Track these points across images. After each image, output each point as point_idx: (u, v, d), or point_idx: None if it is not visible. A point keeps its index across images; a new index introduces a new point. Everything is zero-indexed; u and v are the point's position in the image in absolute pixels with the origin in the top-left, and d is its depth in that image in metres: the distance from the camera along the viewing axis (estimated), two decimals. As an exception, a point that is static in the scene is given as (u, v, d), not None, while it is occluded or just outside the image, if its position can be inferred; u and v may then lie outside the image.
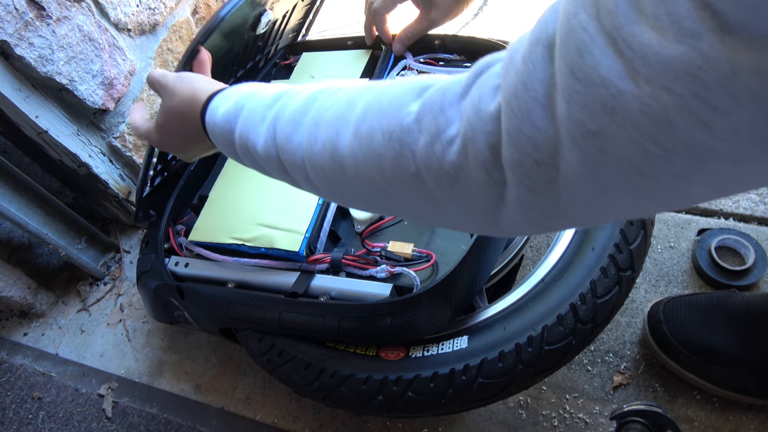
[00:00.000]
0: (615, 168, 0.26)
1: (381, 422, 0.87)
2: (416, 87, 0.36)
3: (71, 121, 1.02)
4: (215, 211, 0.83)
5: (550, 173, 0.29)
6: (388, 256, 0.73)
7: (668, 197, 0.27)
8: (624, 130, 0.24)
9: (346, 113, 0.38)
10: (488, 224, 0.35)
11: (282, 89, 0.46)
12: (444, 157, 0.33)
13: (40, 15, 0.89)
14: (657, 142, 0.24)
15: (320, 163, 0.39)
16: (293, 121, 0.41)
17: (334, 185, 0.40)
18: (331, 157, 0.38)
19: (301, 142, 0.40)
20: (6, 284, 1.10)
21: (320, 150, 0.39)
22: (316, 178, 0.41)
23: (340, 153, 0.38)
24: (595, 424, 0.80)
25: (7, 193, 1.01)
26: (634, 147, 0.24)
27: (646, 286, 0.91)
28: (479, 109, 0.31)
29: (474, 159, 0.31)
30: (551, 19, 0.27)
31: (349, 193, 0.40)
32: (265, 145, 0.44)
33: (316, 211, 0.77)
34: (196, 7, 1.24)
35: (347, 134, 0.37)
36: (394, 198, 0.37)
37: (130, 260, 1.23)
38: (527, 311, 0.69)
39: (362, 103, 0.37)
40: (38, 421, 1.01)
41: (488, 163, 0.31)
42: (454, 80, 0.34)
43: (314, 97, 0.41)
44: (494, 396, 0.66)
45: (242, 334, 0.77)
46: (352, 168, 0.37)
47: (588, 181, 0.28)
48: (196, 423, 0.94)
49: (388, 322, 0.67)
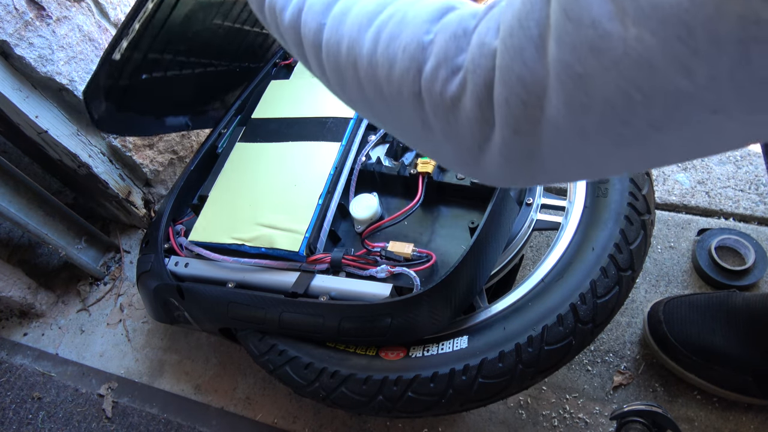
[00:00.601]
0: (598, 112, 0.26)
1: (381, 422, 0.87)
2: (442, 6, 0.35)
3: (71, 121, 1.02)
4: (215, 211, 0.83)
5: (534, 115, 0.29)
6: (388, 256, 0.73)
7: (646, 150, 0.27)
8: (608, 73, 0.24)
9: (373, 12, 0.37)
10: (469, 164, 0.35)
11: None
12: (446, 86, 0.32)
13: (40, 15, 0.89)
14: (638, 87, 0.24)
15: (335, 53, 0.39)
16: (323, 2, 0.41)
17: (343, 78, 0.40)
18: (348, 51, 0.38)
19: (324, 25, 0.40)
20: (6, 284, 1.10)
21: (339, 40, 0.39)
22: (328, 66, 0.41)
23: (356, 49, 0.37)
24: (595, 424, 0.80)
25: (7, 193, 1.01)
26: (617, 91, 0.25)
27: (646, 286, 0.91)
28: (483, 43, 0.31)
29: (471, 93, 0.31)
30: None
31: (354, 90, 0.39)
32: (291, 15, 0.43)
33: (316, 211, 0.77)
34: (196, 7, 1.24)
35: (369, 34, 0.37)
36: (393, 111, 0.37)
37: (130, 260, 1.23)
38: (527, 311, 0.69)
39: (392, 7, 0.37)
40: (38, 421, 1.01)
41: (482, 100, 0.31)
42: (474, 10, 0.34)
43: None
44: (494, 396, 0.66)
45: (242, 334, 0.77)
46: (365, 67, 0.37)
47: (571, 125, 0.28)
48: (196, 423, 0.94)
49: (388, 322, 0.67)
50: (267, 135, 0.90)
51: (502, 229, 0.73)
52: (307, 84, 0.96)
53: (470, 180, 0.77)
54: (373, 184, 0.85)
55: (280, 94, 0.97)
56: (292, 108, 0.93)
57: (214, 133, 1.01)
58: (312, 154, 0.84)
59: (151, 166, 1.18)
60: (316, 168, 0.81)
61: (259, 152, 0.88)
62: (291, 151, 0.86)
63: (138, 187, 1.19)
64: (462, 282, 0.68)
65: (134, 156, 1.13)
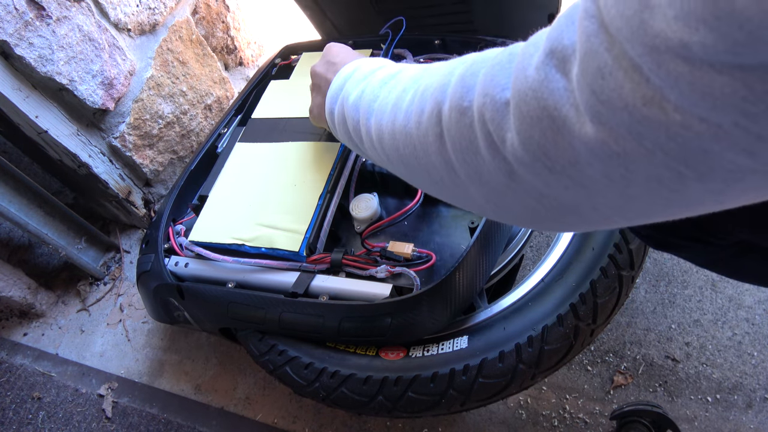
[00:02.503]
0: (642, 184, 0.25)
1: (381, 422, 0.87)
2: (453, 67, 0.38)
3: (71, 121, 1.02)
4: (215, 211, 0.83)
5: (563, 180, 0.28)
6: (388, 256, 0.73)
7: (699, 207, 0.26)
8: (653, 155, 0.23)
9: (399, 99, 0.43)
10: (498, 205, 0.35)
11: (376, 68, 0.52)
12: (460, 123, 0.33)
13: (40, 15, 0.89)
14: (691, 166, 0.22)
15: (380, 138, 0.45)
16: (369, 103, 0.48)
17: (390, 155, 0.45)
18: (391, 125, 0.43)
19: (371, 111, 0.47)
20: (6, 284, 1.10)
21: (379, 122, 0.45)
22: (376, 139, 0.46)
23: (395, 126, 0.42)
24: (595, 424, 0.80)
25: (7, 193, 1.01)
26: (664, 169, 0.23)
27: (646, 286, 0.91)
28: (494, 98, 0.31)
29: (483, 140, 0.32)
30: (568, 31, 0.26)
31: (392, 153, 0.44)
32: (353, 104, 0.51)
33: (316, 211, 0.77)
34: (196, 7, 1.24)
35: (400, 114, 0.42)
36: (422, 161, 0.39)
37: (130, 260, 1.23)
38: (527, 311, 0.69)
39: (411, 92, 0.41)
40: (38, 421, 1.01)
41: (492, 148, 0.31)
42: (484, 58, 0.35)
43: (385, 82, 0.48)
44: (494, 396, 0.66)
45: (242, 334, 0.77)
46: (400, 125, 0.41)
47: (612, 190, 0.26)
48: (196, 423, 0.94)
49: (388, 322, 0.67)
50: (267, 135, 0.90)
51: (502, 229, 0.73)
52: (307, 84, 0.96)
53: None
54: (373, 184, 0.85)
55: (280, 94, 0.97)
56: (292, 108, 0.92)
57: (214, 133, 1.01)
58: (312, 154, 0.84)
59: (151, 166, 1.18)
60: (316, 168, 0.81)
61: (259, 152, 0.88)
62: (291, 151, 0.86)
63: (138, 187, 1.19)
64: (462, 282, 0.68)
65: (134, 156, 1.13)
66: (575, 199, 0.29)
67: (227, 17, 1.33)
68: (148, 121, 1.13)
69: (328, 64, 0.67)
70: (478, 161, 0.33)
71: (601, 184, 0.26)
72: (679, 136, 0.22)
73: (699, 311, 0.87)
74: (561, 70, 0.26)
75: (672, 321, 0.87)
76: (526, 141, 0.28)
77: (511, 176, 0.31)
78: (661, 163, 0.23)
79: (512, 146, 0.29)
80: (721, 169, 0.22)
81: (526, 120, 0.28)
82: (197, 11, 1.24)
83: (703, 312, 0.87)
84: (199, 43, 1.24)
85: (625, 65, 0.22)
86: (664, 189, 0.24)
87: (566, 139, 0.26)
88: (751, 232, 0.43)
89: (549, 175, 0.28)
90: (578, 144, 0.25)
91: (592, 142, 0.25)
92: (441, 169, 0.37)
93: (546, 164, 0.28)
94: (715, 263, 0.53)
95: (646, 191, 0.25)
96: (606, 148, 0.24)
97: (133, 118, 1.10)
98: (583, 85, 0.24)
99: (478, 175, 0.34)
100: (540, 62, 0.27)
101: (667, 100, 0.21)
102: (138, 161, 1.14)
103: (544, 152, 0.27)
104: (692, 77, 0.20)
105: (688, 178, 0.23)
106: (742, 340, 0.83)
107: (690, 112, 0.21)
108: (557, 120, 0.26)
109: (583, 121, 0.25)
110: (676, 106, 0.21)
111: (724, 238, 0.46)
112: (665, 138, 0.22)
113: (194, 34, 1.22)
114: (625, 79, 0.22)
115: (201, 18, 1.26)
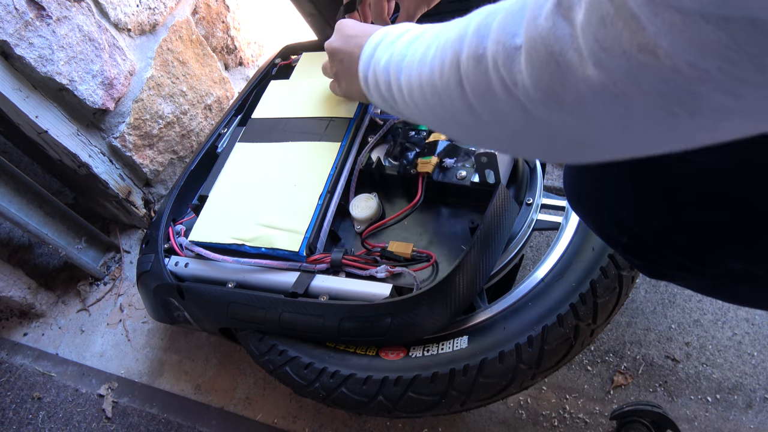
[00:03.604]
0: (641, 121, 0.28)
1: (381, 422, 0.87)
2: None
3: (71, 121, 1.02)
4: (215, 211, 0.83)
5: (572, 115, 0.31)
6: (388, 256, 0.73)
7: (694, 141, 0.29)
8: (649, 96, 0.26)
9: (424, 54, 0.46)
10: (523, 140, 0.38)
11: (402, 32, 0.56)
12: (477, 70, 0.36)
13: (40, 15, 0.89)
14: (682, 106, 0.25)
15: (410, 92, 0.48)
16: (398, 62, 0.52)
17: (420, 107, 0.48)
18: (418, 79, 0.46)
19: (400, 70, 0.51)
20: (6, 284, 1.10)
21: (408, 77, 0.49)
22: (407, 95, 0.50)
23: (421, 79, 0.46)
24: (595, 424, 0.80)
25: (7, 193, 1.01)
26: (659, 109, 0.26)
27: (646, 286, 0.91)
28: (506, 44, 0.34)
29: (498, 83, 0.35)
30: None
31: (423, 105, 0.47)
32: (384, 68, 0.55)
33: (316, 211, 0.77)
34: (196, 7, 1.24)
35: (425, 67, 0.45)
36: (447, 107, 0.42)
37: (130, 260, 1.23)
38: (527, 311, 0.69)
39: (434, 47, 0.45)
40: (38, 421, 1.01)
41: (507, 91, 0.34)
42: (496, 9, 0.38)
43: (410, 42, 0.51)
44: (494, 396, 0.66)
45: (242, 334, 0.77)
46: (428, 82, 0.44)
47: (614, 126, 0.30)
48: (196, 423, 0.94)
49: (388, 322, 0.67)
50: (267, 135, 0.90)
51: (502, 229, 0.73)
52: (307, 84, 0.96)
53: (470, 180, 0.77)
54: (373, 184, 0.85)
55: (280, 94, 0.97)
56: (292, 108, 0.92)
57: (214, 133, 1.01)
58: (312, 154, 0.84)
59: (151, 166, 1.18)
60: (316, 168, 0.81)
61: (259, 152, 0.88)
62: (291, 151, 0.86)
63: (138, 187, 1.19)
64: (462, 282, 0.68)
65: (134, 156, 1.13)
66: (585, 134, 0.32)
67: (227, 17, 1.33)
68: (148, 121, 1.13)
69: (347, 37, 0.69)
70: (496, 103, 0.36)
71: (606, 121, 0.29)
72: (671, 80, 0.24)
73: (699, 311, 0.87)
74: (566, 18, 0.28)
75: (672, 321, 0.87)
76: (537, 83, 0.31)
77: (527, 114, 0.34)
78: (656, 104, 0.26)
79: (524, 87, 0.32)
80: (710, 109, 0.25)
81: (536, 64, 0.31)
82: (197, 11, 1.24)
83: (703, 312, 0.87)
84: (199, 43, 1.24)
85: (625, 15, 0.24)
86: (660, 126, 0.27)
87: (571, 81, 0.29)
88: (745, 261, 0.45)
89: (560, 113, 0.31)
90: (582, 86, 0.28)
91: (594, 85, 0.28)
92: (466, 114, 0.40)
93: (556, 103, 0.31)
94: (710, 290, 0.56)
95: (646, 128, 0.28)
96: (607, 90, 0.27)
97: (133, 118, 1.10)
98: (587, 33, 0.27)
99: (498, 116, 0.37)
100: (549, 11, 0.30)
101: (660, 47, 0.24)
102: (138, 161, 1.15)
103: (553, 92, 0.30)
104: (683, 26, 0.22)
105: (681, 117, 0.26)
106: (742, 340, 0.83)
107: (680, 57, 0.23)
108: (562, 64, 0.29)
109: (585, 66, 0.28)
110: (668, 52, 0.24)
111: (717, 267, 0.48)
112: (659, 81, 0.25)
113: (194, 34, 1.22)
114: (624, 28, 0.25)
115: (201, 18, 1.26)
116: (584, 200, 0.53)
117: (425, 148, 0.83)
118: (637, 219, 0.48)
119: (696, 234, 0.46)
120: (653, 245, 0.49)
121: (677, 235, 0.47)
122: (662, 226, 0.46)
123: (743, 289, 0.51)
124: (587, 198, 0.52)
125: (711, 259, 0.47)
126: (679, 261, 0.48)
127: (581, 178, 0.51)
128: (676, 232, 0.46)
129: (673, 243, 0.47)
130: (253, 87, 1.05)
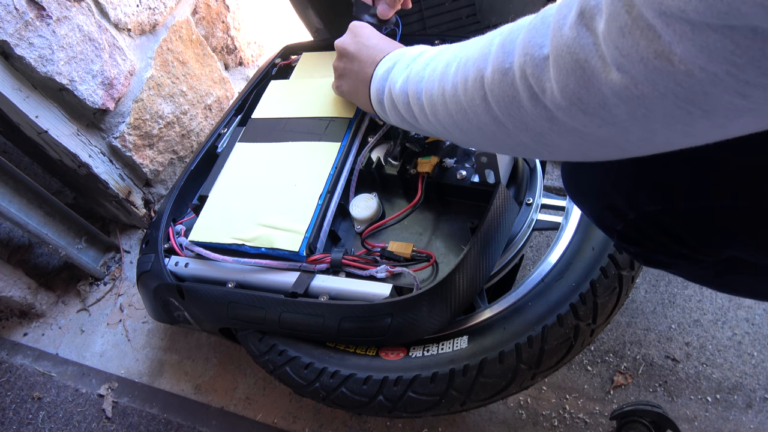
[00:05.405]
0: (660, 120, 0.30)
1: (381, 422, 0.87)
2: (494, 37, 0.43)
3: (71, 121, 1.02)
4: (215, 211, 0.83)
5: (597, 120, 0.33)
6: (388, 256, 0.73)
7: (710, 137, 0.31)
8: (666, 97, 0.28)
9: (444, 73, 0.48)
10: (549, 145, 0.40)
11: (417, 54, 0.58)
12: (503, 83, 0.39)
13: (40, 15, 0.89)
14: (696, 106, 0.28)
15: (433, 110, 0.51)
16: (416, 84, 0.54)
17: (445, 123, 0.50)
18: (441, 97, 0.49)
19: (420, 90, 0.53)
20: (6, 284, 1.10)
21: (430, 96, 0.51)
22: (430, 113, 0.52)
23: (445, 97, 0.48)
24: (595, 424, 0.80)
25: (7, 193, 1.01)
26: (676, 108, 0.29)
27: (646, 286, 0.91)
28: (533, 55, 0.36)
29: (525, 92, 0.37)
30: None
31: (447, 121, 0.49)
32: (401, 89, 0.58)
33: (316, 211, 0.77)
34: (196, 7, 1.24)
35: (448, 85, 0.47)
36: (472, 121, 0.45)
37: (130, 260, 1.23)
38: (527, 311, 0.69)
39: (454, 65, 0.47)
40: (38, 421, 1.01)
41: (533, 99, 0.37)
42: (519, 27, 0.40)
43: (427, 63, 0.53)
44: (494, 396, 0.66)
45: (242, 334, 0.77)
46: (451, 99, 0.47)
47: (636, 126, 0.32)
48: (196, 423, 0.94)
49: (388, 322, 0.67)
50: (267, 135, 0.90)
51: (502, 229, 0.73)
52: (307, 84, 0.96)
53: (470, 180, 0.77)
54: (373, 184, 0.85)
55: (280, 94, 0.97)
56: (292, 108, 0.92)
57: (214, 133, 1.01)
58: (312, 154, 0.84)
59: (151, 166, 1.18)
60: (316, 168, 0.81)
61: (259, 152, 0.88)
62: (291, 151, 0.86)
63: (138, 187, 1.19)
64: (462, 282, 0.68)
65: (134, 156, 1.13)
66: (608, 134, 0.34)
67: (227, 17, 1.33)
68: (148, 121, 1.13)
69: (361, 45, 0.71)
70: (521, 113, 0.38)
71: (627, 121, 0.32)
72: (685, 83, 0.27)
73: (699, 311, 0.87)
74: (589, 28, 0.31)
75: (672, 321, 0.87)
76: (563, 89, 0.33)
77: (552, 121, 0.36)
78: (673, 104, 0.28)
79: (551, 94, 0.35)
80: (722, 108, 0.27)
81: (563, 71, 0.33)
82: (197, 11, 1.24)
83: (703, 312, 0.87)
84: (199, 43, 1.24)
85: (642, 25, 0.27)
86: (678, 124, 0.30)
87: (596, 85, 0.31)
88: (741, 248, 0.46)
89: (584, 117, 0.34)
90: (606, 89, 0.31)
91: (617, 88, 0.30)
92: (491, 125, 0.43)
93: (581, 107, 0.33)
94: (704, 279, 0.57)
95: (665, 126, 0.31)
96: (628, 92, 0.30)
97: (133, 118, 1.10)
98: (608, 41, 0.29)
99: (524, 125, 0.39)
100: (573, 22, 0.32)
101: (674, 53, 0.26)
102: (138, 161, 1.15)
103: (578, 98, 0.33)
104: (693, 35, 0.25)
105: (696, 116, 0.28)
106: (742, 340, 0.83)
107: (692, 63, 0.26)
108: (587, 70, 0.31)
109: (609, 70, 0.30)
110: (681, 58, 0.26)
111: (712, 255, 0.49)
112: (674, 84, 0.27)
113: (194, 34, 1.22)
114: (641, 37, 0.27)
115: (201, 18, 1.26)
116: (580, 187, 0.54)
117: (425, 148, 0.83)
118: (631, 204, 0.49)
119: (691, 221, 0.47)
120: (648, 232, 0.50)
121: (672, 221, 0.48)
122: (656, 211, 0.48)
123: (739, 278, 0.53)
124: (583, 185, 0.54)
125: (707, 247, 0.48)
126: (675, 248, 0.50)
127: (578, 165, 0.53)
128: (671, 218, 0.47)
129: (668, 229, 0.48)
130: (253, 87, 1.05)
